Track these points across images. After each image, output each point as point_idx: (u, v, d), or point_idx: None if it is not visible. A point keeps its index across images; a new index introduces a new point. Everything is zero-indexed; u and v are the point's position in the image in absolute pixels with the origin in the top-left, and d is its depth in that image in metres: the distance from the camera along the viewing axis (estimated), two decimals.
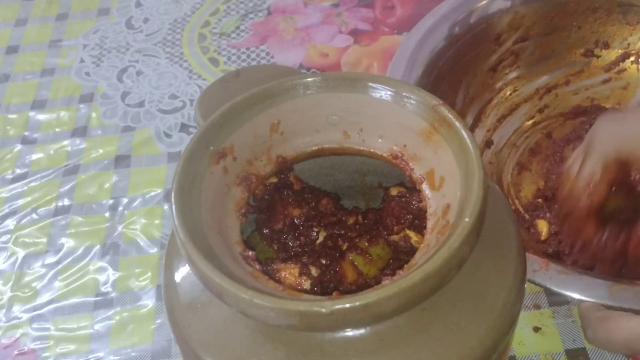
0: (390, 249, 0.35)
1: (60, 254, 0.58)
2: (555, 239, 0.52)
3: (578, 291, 0.41)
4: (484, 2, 0.62)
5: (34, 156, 0.67)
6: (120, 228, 0.60)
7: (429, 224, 0.31)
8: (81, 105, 0.72)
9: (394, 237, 0.35)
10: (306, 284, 0.32)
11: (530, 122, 0.63)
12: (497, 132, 0.62)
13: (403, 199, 0.35)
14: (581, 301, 0.41)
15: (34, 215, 0.61)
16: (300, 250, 0.36)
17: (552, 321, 0.49)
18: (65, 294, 0.55)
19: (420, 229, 0.35)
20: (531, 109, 0.64)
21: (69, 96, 0.73)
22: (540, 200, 0.56)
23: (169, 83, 0.73)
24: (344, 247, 0.35)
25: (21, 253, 0.59)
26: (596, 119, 0.46)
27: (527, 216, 0.54)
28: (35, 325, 0.54)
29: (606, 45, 0.64)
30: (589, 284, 0.41)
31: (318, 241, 0.36)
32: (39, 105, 0.73)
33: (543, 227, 0.52)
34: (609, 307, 0.40)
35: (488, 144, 0.61)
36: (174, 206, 0.30)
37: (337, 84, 0.34)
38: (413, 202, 0.35)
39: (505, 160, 0.60)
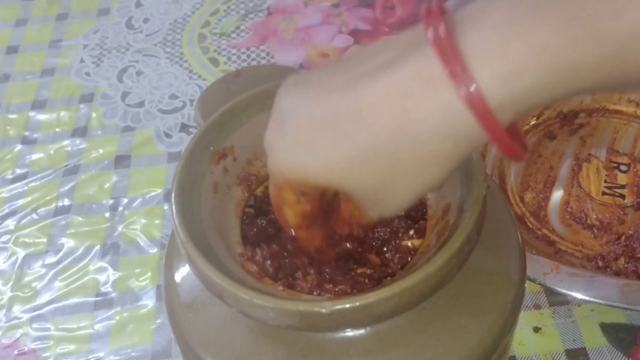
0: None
1: (60, 254, 0.58)
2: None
3: (590, 293, 0.41)
4: None
5: (34, 156, 0.67)
6: (120, 228, 0.60)
7: (429, 224, 0.31)
8: (81, 106, 0.72)
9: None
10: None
11: (531, 124, 0.62)
12: None
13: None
14: (589, 302, 0.41)
15: (34, 215, 0.61)
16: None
17: (552, 321, 0.49)
18: (66, 294, 0.55)
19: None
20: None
21: (69, 96, 0.73)
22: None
23: (169, 83, 0.73)
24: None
25: (21, 253, 0.59)
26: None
27: (532, 221, 0.54)
28: (35, 325, 0.54)
29: None
30: (600, 286, 0.41)
31: None
32: (39, 105, 0.73)
33: None
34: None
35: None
36: (174, 206, 0.30)
37: None
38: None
39: (509, 163, 0.59)
